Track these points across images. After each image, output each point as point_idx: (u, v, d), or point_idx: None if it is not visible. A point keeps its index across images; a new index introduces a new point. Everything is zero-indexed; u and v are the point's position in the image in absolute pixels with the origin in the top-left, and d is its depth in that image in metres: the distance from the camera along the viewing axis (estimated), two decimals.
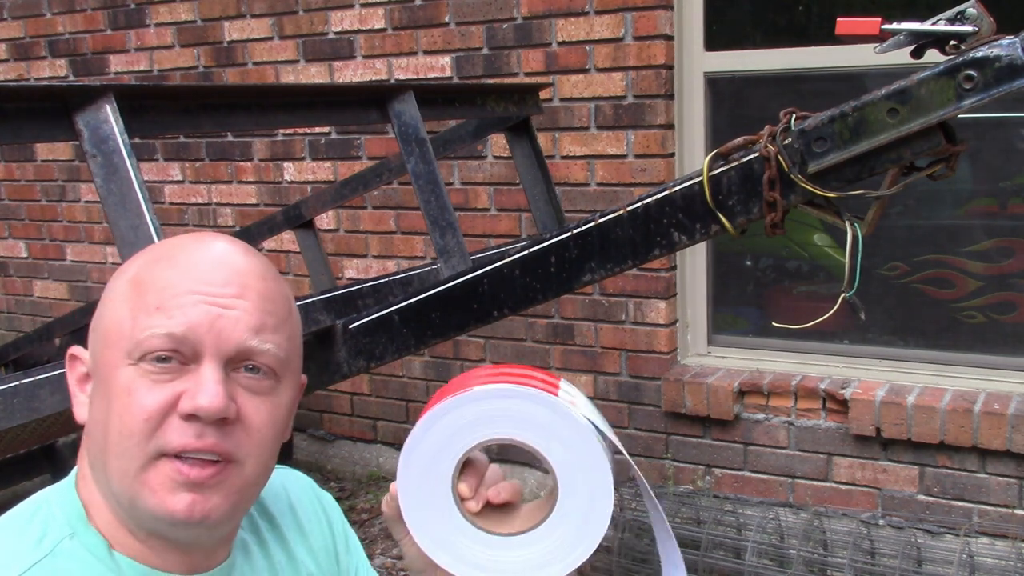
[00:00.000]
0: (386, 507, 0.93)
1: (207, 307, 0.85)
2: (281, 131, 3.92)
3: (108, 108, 1.67)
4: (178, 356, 0.84)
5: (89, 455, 0.90)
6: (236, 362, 0.86)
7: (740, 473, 3.30)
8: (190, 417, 0.83)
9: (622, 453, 0.98)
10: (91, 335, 0.91)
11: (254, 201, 4.06)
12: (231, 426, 0.85)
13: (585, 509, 0.90)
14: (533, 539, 0.89)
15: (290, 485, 1.10)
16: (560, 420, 0.92)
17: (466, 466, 0.90)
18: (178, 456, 0.83)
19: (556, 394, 0.94)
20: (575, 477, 0.90)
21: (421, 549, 0.90)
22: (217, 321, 0.85)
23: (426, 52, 3.56)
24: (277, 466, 0.97)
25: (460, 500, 0.90)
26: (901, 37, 1.53)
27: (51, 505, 0.90)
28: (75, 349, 0.93)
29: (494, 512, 0.91)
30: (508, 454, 3.04)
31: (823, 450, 3.15)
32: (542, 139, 3.01)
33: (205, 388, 0.83)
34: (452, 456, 0.90)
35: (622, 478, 0.90)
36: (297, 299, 2.30)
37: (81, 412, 0.91)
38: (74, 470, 0.94)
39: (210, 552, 0.94)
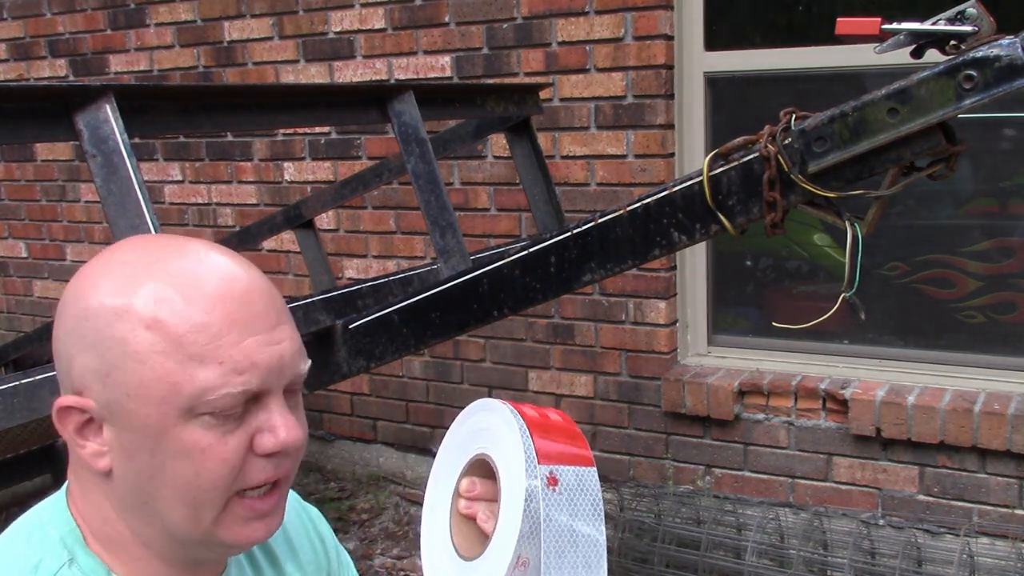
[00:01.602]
0: None
1: (268, 348, 0.82)
2: (281, 131, 3.92)
3: (108, 108, 1.67)
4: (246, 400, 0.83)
5: (121, 501, 0.85)
6: (287, 387, 0.86)
7: (740, 473, 3.30)
8: (271, 455, 0.83)
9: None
10: (96, 385, 0.81)
11: (254, 201, 4.06)
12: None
13: (500, 544, 0.85)
14: (471, 568, 0.88)
15: None
16: (509, 442, 0.87)
17: (492, 478, 0.90)
18: (243, 490, 0.84)
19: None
20: (505, 507, 0.85)
21: None
22: (280, 360, 0.83)
23: (426, 52, 3.56)
24: None
25: (456, 502, 0.91)
26: (901, 37, 1.53)
27: (45, 528, 0.87)
28: (67, 400, 0.83)
29: (483, 540, 0.90)
30: None
31: (823, 450, 3.15)
32: (542, 139, 3.01)
33: (283, 424, 0.83)
34: (454, 470, 0.91)
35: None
36: (297, 299, 2.31)
37: (100, 461, 0.83)
38: (62, 489, 0.91)
39: (208, 570, 0.94)
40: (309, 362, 0.87)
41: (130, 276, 0.82)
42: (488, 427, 0.90)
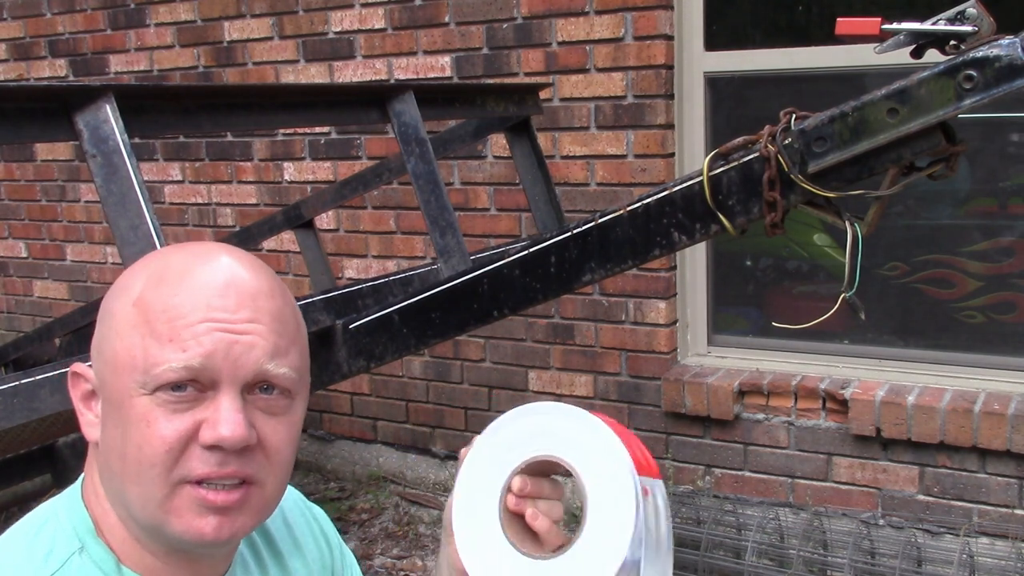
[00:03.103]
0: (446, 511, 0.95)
1: (221, 335, 0.83)
2: (281, 131, 3.92)
3: (108, 108, 1.67)
4: (195, 384, 0.83)
5: (102, 475, 0.89)
6: (252, 386, 0.86)
7: (740, 473, 3.30)
8: (212, 447, 0.83)
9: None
10: (95, 356, 0.89)
11: (254, 201, 4.06)
12: (251, 451, 0.85)
13: (604, 545, 0.87)
14: (553, 566, 0.88)
15: (283, 500, 1.10)
16: (599, 449, 0.89)
17: (542, 479, 0.91)
18: (199, 482, 0.84)
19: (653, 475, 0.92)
20: (600, 510, 0.88)
21: (459, 560, 0.91)
22: (232, 348, 0.84)
23: (426, 52, 3.56)
24: None
25: (505, 502, 0.91)
26: (901, 37, 1.53)
27: (59, 518, 0.89)
28: (77, 367, 0.91)
29: (533, 537, 0.91)
30: None
31: (823, 450, 3.15)
32: (542, 139, 3.01)
33: (226, 418, 0.83)
34: (509, 463, 0.91)
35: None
36: (297, 299, 2.30)
37: (92, 432, 0.89)
38: (79, 480, 0.93)
39: (214, 564, 0.94)
40: (287, 370, 0.87)
41: (142, 265, 0.90)
42: (555, 431, 0.90)
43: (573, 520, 0.93)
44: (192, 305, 0.84)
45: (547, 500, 0.91)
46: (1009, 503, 2.92)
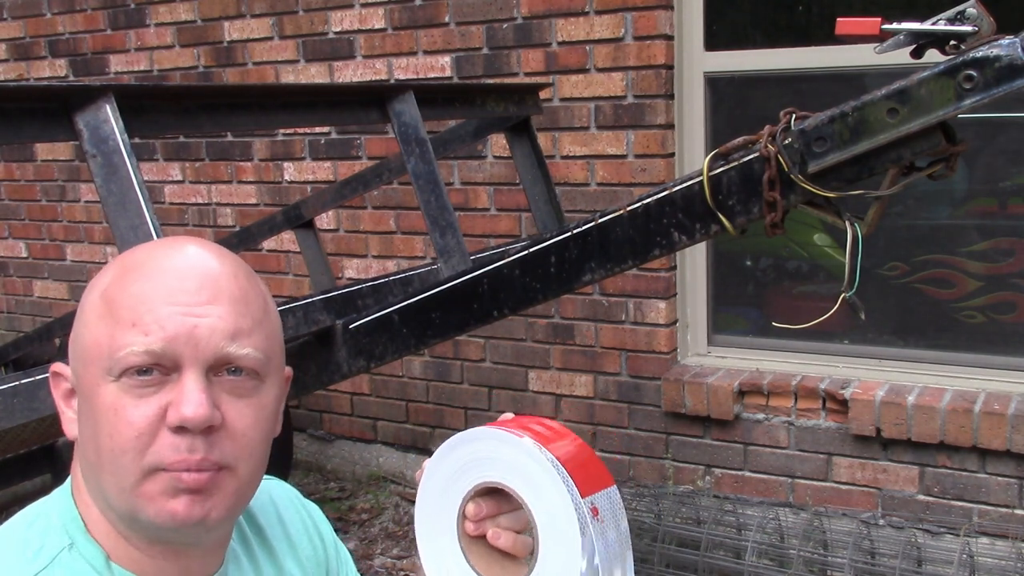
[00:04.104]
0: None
1: (182, 318, 0.84)
2: (281, 131, 3.92)
3: (108, 108, 1.67)
4: (159, 368, 0.84)
5: (82, 470, 0.90)
6: (217, 367, 0.86)
7: (740, 473, 3.30)
8: (179, 429, 0.83)
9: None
10: (70, 352, 0.90)
11: (254, 201, 4.06)
12: (217, 433, 0.85)
13: (559, 570, 0.87)
14: None
15: (276, 496, 1.10)
16: (541, 477, 0.87)
17: (497, 494, 0.90)
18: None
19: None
20: (550, 537, 0.87)
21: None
22: (194, 331, 0.84)
23: (426, 52, 3.56)
24: (263, 476, 0.96)
25: (464, 529, 0.91)
26: (901, 37, 1.53)
27: (49, 515, 0.90)
28: (57, 366, 0.92)
29: (499, 558, 0.91)
30: None
31: (823, 450, 3.15)
32: (542, 139, 3.01)
33: (189, 398, 0.83)
34: (458, 492, 0.91)
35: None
36: (297, 299, 2.31)
37: (71, 429, 0.91)
38: (68, 480, 0.94)
39: (205, 561, 0.94)
40: (250, 351, 0.87)
41: (115, 259, 0.92)
42: (492, 456, 0.89)
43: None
44: (153, 290, 0.85)
45: (507, 514, 0.90)
46: (1009, 503, 2.92)
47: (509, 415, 0.94)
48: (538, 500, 0.87)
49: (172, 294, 0.85)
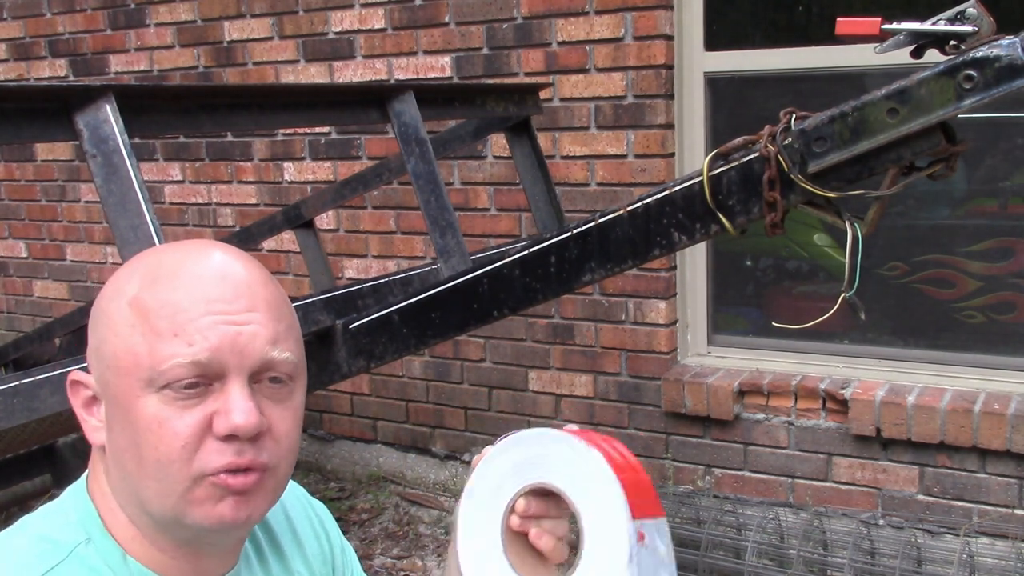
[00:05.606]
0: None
1: (225, 327, 0.84)
2: (281, 131, 3.92)
3: (108, 108, 1.67)
4: (203, 378, 0.84)
5: (111, 477, 0.90)
6: (259, 374, 0.87)
7: (740, 473, 3.30)
8: (228, 437, 0.84)
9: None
10: (94, 360, 0.89)
11: (254, 201, 4.06)
12: (263, 438, 0.86)
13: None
14: None
15: (284, 495, 1.10)
16: (598, 491, 0.89)
17: (546, 497, 0.92)
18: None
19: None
20: (594, 549, 0.88)
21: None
22: (237, 339, 0.84)
23: (426, 52, 3.56)
24: None
25: (508, 522, 0.92)
26: (901, 37, 1.53)
27: (66, 512, 0.91)
28: (76, 375, 0.91)
29: (530, 558, 0.93)
30: None
31: (823, 450, 3.15)
32: (542, 139, 3.01)
33: (237, 407, 0.83)
34: (514, 485, 0.92)
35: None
36: (297, 299, 2.31)
37: (97, 436, 0.90)
38: (83, 478, 0.94)
39: (222, 560, 0.95)
40: (289, 355, 0.88)
41: (134, 265, 0.90)
42: (557, 460, 0.91)
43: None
44: (191, 299, 0.84)
45: (552, 519, 0.92)
46: (1009, 503, 2.92)
47: (574, 427, 0.95)
48: (590, 512, 0.88)
49: (210, 303, 0.85)
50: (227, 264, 0.89)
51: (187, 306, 0.84)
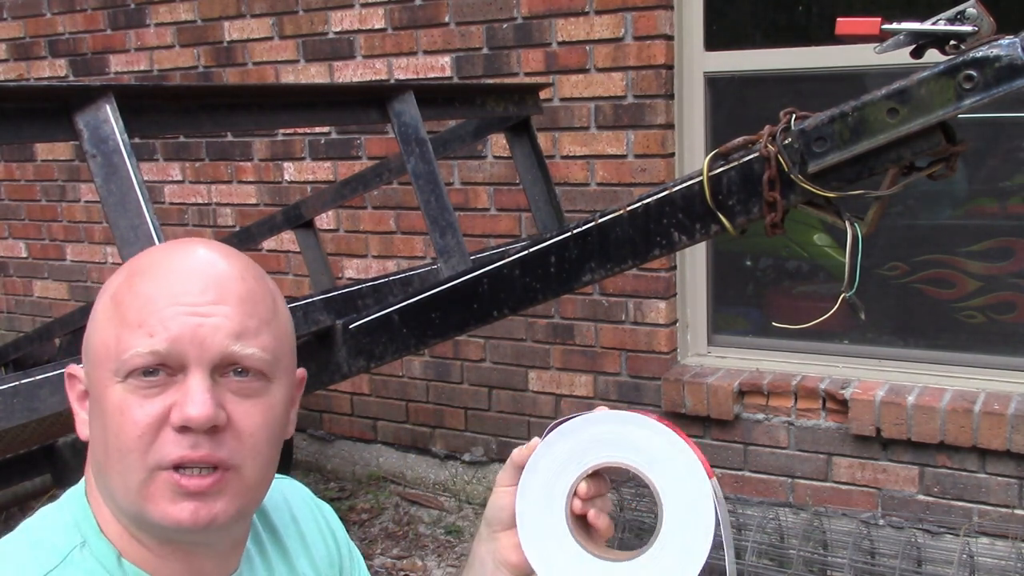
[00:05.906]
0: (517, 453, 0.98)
1: (186, 318, 0.84)
2: (281, 131, 3.92)
3: (108, 108, 1.67)
4: (165, 369, 0.84)
5: (93, 471, 0.91)
6: (222, 368, 0.86)
7: (740, 473, 3.30)
8: (183, 428, 0.83)
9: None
10: (83, 354, 0.91)
11: (254, 201, 4.06)
12: (223, 433, 0.85)
13: (683, 549, 0.92)
14: (631, 568, 0.94)
15: (290, 496, 1.10)
16: (675, 454, 0.94)
17: (596, 478, 0.96)
18: (176, 468, 0.84)
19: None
20: (676, 516, 0.93)
21: (514, 556, 0.96)
22: (198, 331, 0.84)
23: (426, 52, 3.56)
24: (276, 475, 0.96)
25: (571, 505, 0.95)
26: (901, 37, 1.53)
27: (63, 515, 0.91)
28: (72, 368, 0.93)
29: (586, 532, 0.97)
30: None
31: (823, 450, 3.15)
32: (542, 139, 3.01)
33: (193, 398, 0.83)
34: (576, 470, 0.95)
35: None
36: (297, 299, 2.31)
37: (83, 430, 0.91)
38: (82, 480, 0.94)
39: (220, 562, 0.94)
40: (256, 351, 0.87)
41: (125, 263, 0.93)
42: (619, 438, 0.95)
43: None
44: (160, 292, 0.86)
45: (602, 497, 0.97)
46: (1009, 503, 2.92)
47: (603, 408, 0.99)
48: (667, 481, 0.93)
49: (177, 295, 0.85)
50: (206, 260, 0.89)
51: (156, 298, 0.85)
